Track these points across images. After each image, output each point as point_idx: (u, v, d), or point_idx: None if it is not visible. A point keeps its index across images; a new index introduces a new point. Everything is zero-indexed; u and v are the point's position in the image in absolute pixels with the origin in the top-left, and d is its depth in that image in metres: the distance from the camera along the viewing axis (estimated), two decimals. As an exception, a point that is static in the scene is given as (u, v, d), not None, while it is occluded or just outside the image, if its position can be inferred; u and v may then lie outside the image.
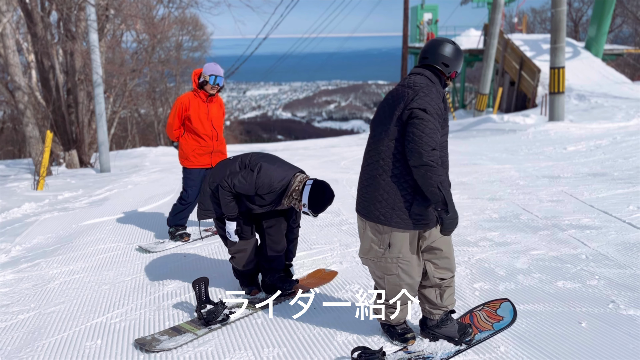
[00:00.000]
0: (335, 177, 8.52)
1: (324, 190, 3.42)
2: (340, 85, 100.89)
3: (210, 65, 5.05)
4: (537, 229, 4.95)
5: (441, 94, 2.82)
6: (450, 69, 2.87)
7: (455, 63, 2.87)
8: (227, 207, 3.59)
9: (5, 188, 10.49)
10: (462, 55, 2.91)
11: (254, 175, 3.47)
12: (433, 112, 2.67)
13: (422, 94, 2.71)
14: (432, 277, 2.94)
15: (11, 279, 4.50)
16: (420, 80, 2.81)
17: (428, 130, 2.62)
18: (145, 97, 29.51)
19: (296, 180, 3.49)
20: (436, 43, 2.89)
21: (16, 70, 13.25)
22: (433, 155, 2.59)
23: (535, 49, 21.87)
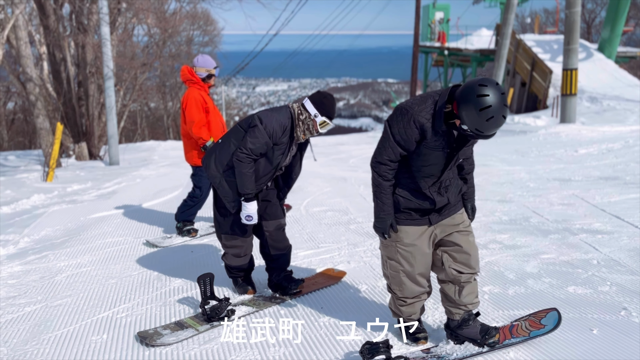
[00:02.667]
0: (343, 176, 8.49)
1: (319, 92, 3.44)
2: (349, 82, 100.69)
3: (208, 59, 5.03)
4: (547, 233, 4.89)
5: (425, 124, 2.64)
6: (461, 120, 2.54)
7: (470, 121, 2.50)
8: (246, 183, 3.40)
9: (15, 179, 10.55)
10: (483, 117, 2.46)
11: (262, 127, 3.37)
12: (395, 133, 2.71)
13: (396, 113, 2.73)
14: (448, 267, 2.91)
15: (19, 271, 4.51)
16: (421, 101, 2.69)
17: (380, 144, 2.79)
18: (155, 91, 29.60)
19: (294, 107, 3.48)
20: (468, 94, 2.47)
21: (28, 62, 13.29)
22: (377, 166, 2.81)
23: (548, 50, 21.69)
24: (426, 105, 2.64)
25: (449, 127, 2.64)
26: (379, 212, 2.85)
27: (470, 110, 2.45)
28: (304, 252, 4.66)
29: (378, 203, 2.85)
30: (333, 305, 3.60)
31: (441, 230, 2.91)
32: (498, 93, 2.44)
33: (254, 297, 3.78)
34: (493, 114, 2.43)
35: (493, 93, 2.43)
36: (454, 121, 2.60)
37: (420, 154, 2.71)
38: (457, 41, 26.42)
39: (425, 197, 2.82)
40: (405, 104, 2.69)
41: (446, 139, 2.67)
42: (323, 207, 6.28)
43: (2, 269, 4.56)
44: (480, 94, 2.43)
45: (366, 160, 10.49)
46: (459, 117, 2.51)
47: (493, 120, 2.44)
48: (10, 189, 9.33)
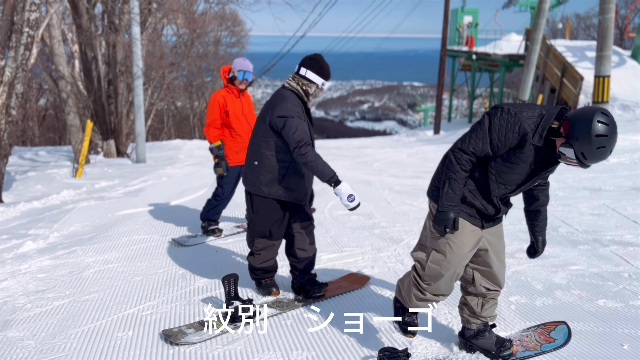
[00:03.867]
0: (368, 179, 8.46)
1: (312, 58, 3.54)
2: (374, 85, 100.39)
3: (240, 61, 5.04)
4: (576, 243, 4.79)
5: (528, 134, 2.52)
6: (569, 141, 2.41)
7: (579, 144, 2.38)
8: (323, 169, 3.25)
9: (46, 174, 10.78)
10: (595, 144, 2.36)
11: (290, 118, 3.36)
12: (494, 130, 2.56)
13: (502, 112, 2.59)
14: (479, 284, 2.88)
15: (48, 265, 4.60)
16: (529, 109, 2.56)
17: (471, 133, 2.65)
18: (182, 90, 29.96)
19: (294, 86, 3.53)
20: (588, 118, 2.37)
21: (60, 60, 13.60)
22: (458, 153, 2.66)
23: (579, 56, 21.28)
24: (534, 114, 2.53)
25: (546, 145, 2.52)
26: (447, 200, 2.65)
27: (585, 133, 2.35)
28: (328, 255, 4.65)
29: (448, 191, 2.65)
30: (356, 310, 3.58)
31: (487, 239, 2.82)
32: (615, 129, 2.39)
33: (277, 299, 3.79)
34: (605, 144, 2.36)
35: (612, 126, 2.37)
36: (554, 140, 2.49)
37: (508, 161, 2.58)
38: (486, 45, 26.12)
39: (491, 203, 2.73)
40: (514, 108, 2.55)
41: (537, 156, 2.56)
42: (347, 211, 6.26)
43: (32, 262, 4.66)
44: (601, 120, 2.36)
45: (391, 164, 10.43)
46: (567, 136, 2.41)
47: (602, 150, 2.37)
48: (40, 184, 9.54)
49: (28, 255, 4.88)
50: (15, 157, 14.49)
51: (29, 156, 15.13)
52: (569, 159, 2.46)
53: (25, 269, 4.50)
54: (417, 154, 12.10)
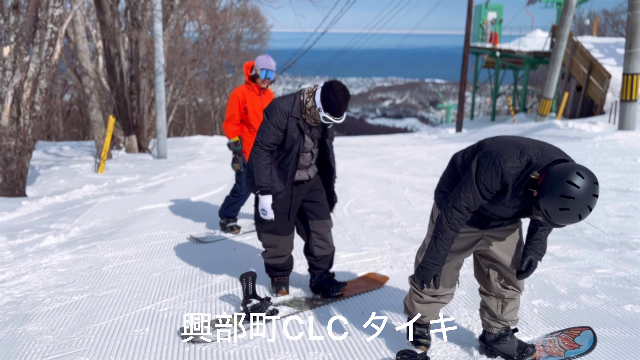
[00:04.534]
0: (388, 178, 8.37)
1: (331, 86, 3.26)
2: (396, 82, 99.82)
3: (263, 59, 5.00)
4: (602, 246, 4.65)
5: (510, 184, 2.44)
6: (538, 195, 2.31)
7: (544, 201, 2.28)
8: (260, 176, 3.43)
9: (69, 169, 10.94)
10: (558, 204, 2.24)
11: (266, 119, 3.38)
12: (480, 180, 2.49)
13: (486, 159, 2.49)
14: (494, 281, 2.82)
15: (68, 260, 4.64)
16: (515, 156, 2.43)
17: (460, 187, 2.59)
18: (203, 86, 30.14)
19: (304, 92, 3.39)
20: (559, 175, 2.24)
21: (84, 56, 13.76)
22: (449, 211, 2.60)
23: (607, 53, 20.80)
24: (521, 163, 2.40)
25: (526, 195, 2.42)
26: (430, 257, 2.62)
27: (552, 191, 2.24)
28: (346, 254, 4.60)
29: (433, 249, 2.61)
30: (374, 311, 3.52)
31: (490, 239, 2.74)
32: (589, 191, 2.21)
33: (294, 298, 3.75)
34: (570, 207, 2.21)
35: (585, 188, 2.20)
36: (532, 191, 2.38)
37: (491, 202, 2.53)
38: (510, 42, 25.72)
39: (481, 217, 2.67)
40: (498, 156, 2.44)
41: (522, 201, 2.46)
42: (366, 209, 6.19)
43: (53, 257, 4.70)
44: (571, 180, 2.21)
45: (412, 162, 10.32)
46: (538, 191, 2.31)
47: (567, 213, 2.23)
48: (63, 179, 9.68)
49: (49, 250, 4.93)
50: (39, 152, 14.75)
51: (53, 151, 15.39)
52: (538, 213, 2.35)
53: (46, 263, 4.55)
54: (438, 152, 11.95)
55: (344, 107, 3.28)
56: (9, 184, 8.13)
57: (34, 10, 8.02)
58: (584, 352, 2.90)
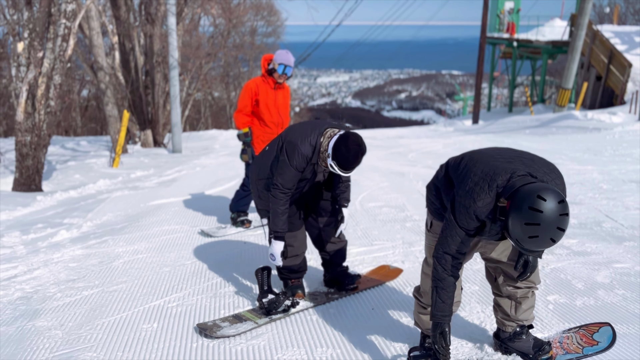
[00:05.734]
0: (402, 170, 8.28)
1: (347, 138, 3.11)
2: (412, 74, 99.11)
3: (282, 54, 4.93)
4: (621, 240, 4.52)
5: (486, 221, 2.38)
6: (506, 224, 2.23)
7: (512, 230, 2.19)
8: (277, 221, 3.31)
9: (85, 164, 11.03)
10: (526, 232, 2.15)
11: (287, 161, 3.26)
12: (461, 222, 2.42)
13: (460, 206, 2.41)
14: (502, 284, 2.74)
15: (80, 254, 4.65)
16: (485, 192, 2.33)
17: (445, 233, 2.51)
18: (219, 81, 30.20)
19: (325, 136, 3.25)
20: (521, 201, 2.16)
21: (99, 52, 13.84)
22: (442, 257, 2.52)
23: (628, 42, 20.33)
24: (490, 197, 2.31)
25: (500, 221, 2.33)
26: (437, 310, 2.49)
27: (516, 219, 2.14)
28: (357, 249, 4.54)
29: (437, 302, 2.49)
30: (384, 306, 3.47)
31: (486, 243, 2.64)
32: (555, 212, 2.08)
33: (309, 293, 3.70)
34: (538, 233, 2.10)
35: (549, 210, 2.08)
36: (503, 219, 2.29)
37: (478, 235, 2.47)
38: (527, 32, 25.28)
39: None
40: (468, 196, 2.35)
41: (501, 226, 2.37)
42: (379, 203, 6.12)
43: (65, 251, 4.72)
44: (533, 206, 2.09)
45: (427, 155, 10.20)
46: (506, 220, 2.21)
47: (537, 240, 2.12)
48: (79, 174, 9.76)
49: (61, 245, 4.95)
50: (57, 147, 14.90)
51: (70, 146, 15.54)
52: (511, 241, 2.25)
53: (58, 257, 4.57)
54: (453, 145, 11.79)
55: (352, 163, 3.13)
56: (25, 179, 8.22)
57: (47, 6, 8.06)
58: (603, 350, 2.81)
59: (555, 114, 16.67)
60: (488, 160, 2.45)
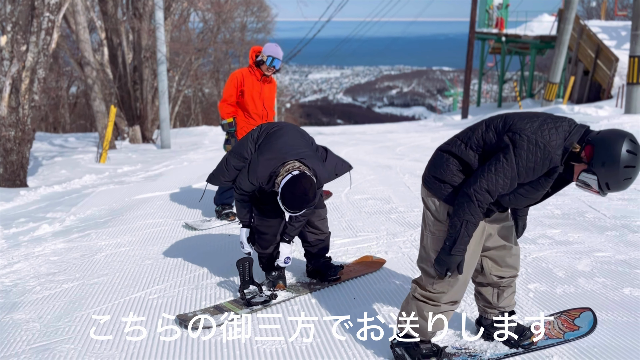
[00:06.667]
0: (388, 164, 8.28)
1: (294, 183, 3.02)
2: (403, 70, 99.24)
3: (271, 46, 4.92)
4: (604, 229, 4.55)
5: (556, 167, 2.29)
6: (592, 168, 2.20)
7: (605, 173, 2.18)
8: (239, 211, 3.47)
9: (71, 159, 10.95)
10: (622, 175, 2.18)
11: (247, 170, 3.27)
12: (522, 164, 2.30)
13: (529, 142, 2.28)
14: (489, 274, 2.72)
15: (61, 248, 4.61)
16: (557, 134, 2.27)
17: (494, 170, 2.33)
18: (209, 76, 30.07)
19: (284, 168, 3.15)
20: (617, 145, 2.16)
21: (86, 47, 13.72)
22: (483, 195, 2.35)
23: (614, 36, 20.47)
24: (560, 139, 2.26)
25: (567, 168, 2.31)
26: (458, 245, 2.37)
27: (612, 163, 2.15)
28: (341, 240, 4.54)
29: (464, 235, 2.36)
30: (366, 296, 3.46)
31: (490, 224, 2.60)
32: None
33: (291, 283, 3.69)
34: (632, 175, 2.17)
35: (639, 154, 2.17)
36: (573, 165, 2.27)
37: (529, 188, 2.36)
38: (516, 27, 25.37)
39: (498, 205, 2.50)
40: (542, 136, 2.26)
41: (554, 180, 2.34)
42: (365, 195, 6.12)
43: (46, 245, 4.68)
44: (630, 150, 2.15)
45: (414, 149, 10.21)
46: (591, 164, 2.19)
47: (629, 182, 2.19)
48: (65, 169, 9.69)
49: (43, 239, 4.90)
50: (44, 143, 14.78)
51: (58, 142, 15.43)
52: (589, 188, 2.24)
53: (39, 251, 4.52)
54: (442, 139, 11.81)
55: (296, 209, 3.06)
56: (10, 175, 8.13)
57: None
58: (584, 334, 2.83)
59: (543, 108, 16.76)
60: (527, 114, 2.43)
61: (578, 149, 2.24)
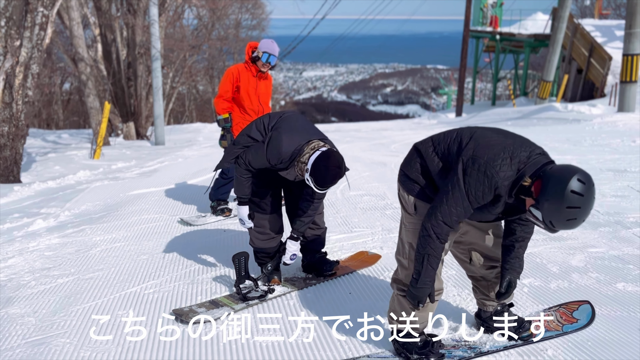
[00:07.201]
0: (383, 160, 8.30)
1: (328, 158, 3.03)
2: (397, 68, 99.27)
3: (267, 42, 4.91)
4: (597, 225, 4.59)
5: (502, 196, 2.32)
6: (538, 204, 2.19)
7: (548, 212, 2.17)
8: (239, 186, 3.37)
9: (65, 156, 10.89)
10: (565, 215, 2.15)
11: (264, 147, 3.23)
12: (471, 192, 2.32)
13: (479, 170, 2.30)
14: (478, 264, 2.75)
15: (56, 243, 4.59)
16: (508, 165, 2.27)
17: (449, 201, 2.37)
18: (203, 73, 29.96)
19: (309, 146, 3.16)
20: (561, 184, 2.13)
21: (80, 42, 13.64)
22: (439, 227, 2.40)
23: (608, 35, 20.57)
24: (512, 170, 2.27)
25: (516, 200, 2.31)
26: (424, 277, 2.45)
27: (556, 202, 2.12)
28: (337, 235, 4.55)
29: (428, 268, 2.44)
30: (362, 291, 3.48)
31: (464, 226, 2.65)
32: (592, 196, 2.14)
33: (287, 278, 3.70)
34: (576, 216, 2.12)
35: (588, 195, 2.12)
36: (524, 198, 2.27)
37: (477, 210, 2.42)
38: (510, 26, 25.44)
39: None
40: (489, 165, 2.27)
41: (507, 207, 2.38)
42: (360, 192, 6.13)
43: (41, 240, 4.66)
44: (575, 190, 2.10)
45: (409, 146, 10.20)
46: (537, 200, 2.18)
47: (573, 222, 2.15)
48: (59, 165, 9.63)
49: (37, 234, 4.89)
50: (38, 140, 14.69)
51: (51, 139, 15.33)
52: (538, 222, 2.24)
53: (34, 246, 4.50)
54: (436, 136, 11.85)
55: (329, 183, 3.07)
56: (3, 170, 8.08)
57: (23, -6, 7.91)
58: (582, 327, 2.86)
59: (537, 106, 16.83)
60: (496, 134, 2.40)
61: (528, 183, 2.24)
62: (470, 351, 2.71)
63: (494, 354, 2.69)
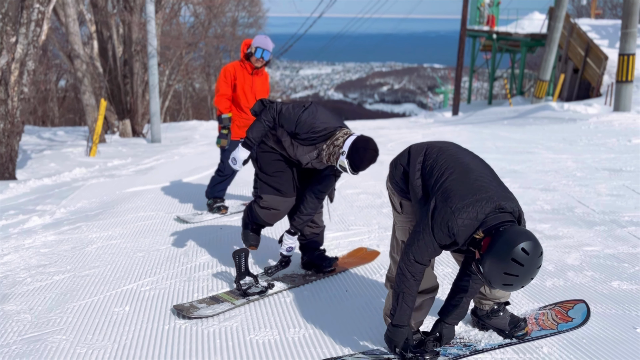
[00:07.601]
0: (380, 159, 8.28)
1: (367, 141, 3.09)
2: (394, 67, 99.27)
3: (260, 38, 4.89)
4: (592, 224, 4.61)
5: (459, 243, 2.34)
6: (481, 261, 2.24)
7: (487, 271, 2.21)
8: (254, 128, 3.38)
9: (61, 153, 10.85)
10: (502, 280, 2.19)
11: (301, 110, 3.27)
12: (436, 235, 2.35)
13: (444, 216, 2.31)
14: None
15: (52, 240, 4.58)
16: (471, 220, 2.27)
17: (420, 241, 2.40)
18: (199, 71, 29.90)
19: (342, 131, 3.22)
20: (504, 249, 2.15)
21: (76, 39, 13.58)
22: (412, 266, 2.44)
23: (604, 35, 20.63)
24: (473, 221, 2.27)
25: (467, 250, 2.38)
26: (400, 317, 2.48)
27: (495, 265, 2.16)
28: (333, 233, 4.55)
29: (403, 307, 2.46)
30: (358, 288, 3.49)
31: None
32: (534, 265, 2.14)
33: (287, 275, 3.71)
34: (514, 282, 2.16)
35: (529, 264, 2.12)
36: (474, 250, 2.31)
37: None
38: (507, 25, 25.47)
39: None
40: (457, 218, 2.27)
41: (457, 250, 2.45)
42: (356, 190, 6.14)
43: (37, 237, 4.64)
44: (516, 259, 2.11)
45: (405, 145, 10.22)
46: (482, 256, 2.22)
47: (510, 287, 2.19)
48: (54, 162, 9.60)
49: (33, 231, 4.87)
50: (33, 137, 14.62)
51: (47, 136, 15.27)
52: (479, 275, 2.27)
53: (29, 243, 4.49)
54: (432, 135, 11.86)
55: (364, 166, 3.12)
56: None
57: (19, -10, 7.87)
58: (577, 326, 2.88)
59: (533, 105, 16.88)
60: (480, 179, 2.37)
61: (480, 237, 2.26)
62: (466, 349, 2.72)
63: (490, 351, 2.70)
